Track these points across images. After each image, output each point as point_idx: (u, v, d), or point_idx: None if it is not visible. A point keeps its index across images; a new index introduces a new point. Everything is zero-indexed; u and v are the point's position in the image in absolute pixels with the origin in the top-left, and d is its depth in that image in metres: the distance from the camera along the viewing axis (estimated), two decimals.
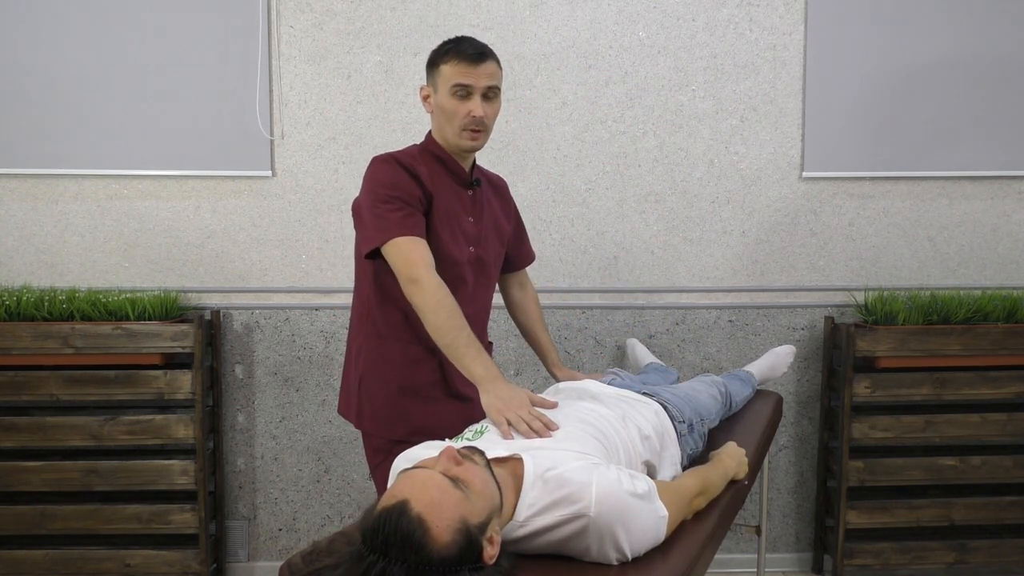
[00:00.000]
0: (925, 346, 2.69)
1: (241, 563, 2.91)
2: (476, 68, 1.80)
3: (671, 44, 2.81)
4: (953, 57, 2.81)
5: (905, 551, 2.76)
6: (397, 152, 1.88)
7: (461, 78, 1.80)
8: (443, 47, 1.84)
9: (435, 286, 1.71)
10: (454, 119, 1.82)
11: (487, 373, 1.66)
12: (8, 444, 2.65)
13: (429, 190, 1.82)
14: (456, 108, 1.81)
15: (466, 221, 1.89)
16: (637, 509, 1.29)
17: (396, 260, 1.75)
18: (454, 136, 1.84)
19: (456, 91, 1.80)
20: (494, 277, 2.01)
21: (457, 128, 1.82)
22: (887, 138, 2.84)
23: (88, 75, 2.72)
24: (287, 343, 2.85)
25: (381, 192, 1.79)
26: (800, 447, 2.95)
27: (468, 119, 1.81)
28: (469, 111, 1.80)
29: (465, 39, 1.85)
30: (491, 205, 1.98)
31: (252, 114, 2.76)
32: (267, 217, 2.82)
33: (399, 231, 1.75)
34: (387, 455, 1.83)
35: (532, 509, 1.26)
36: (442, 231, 1.84)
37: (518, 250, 2.15)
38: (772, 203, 2.87)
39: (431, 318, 1.71)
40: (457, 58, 1.80)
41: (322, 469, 2.89)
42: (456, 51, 1.81)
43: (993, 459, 2.75)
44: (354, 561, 1.09)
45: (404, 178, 1.80)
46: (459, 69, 1.80)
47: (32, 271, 2.81)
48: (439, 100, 1.84)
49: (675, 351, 2.89)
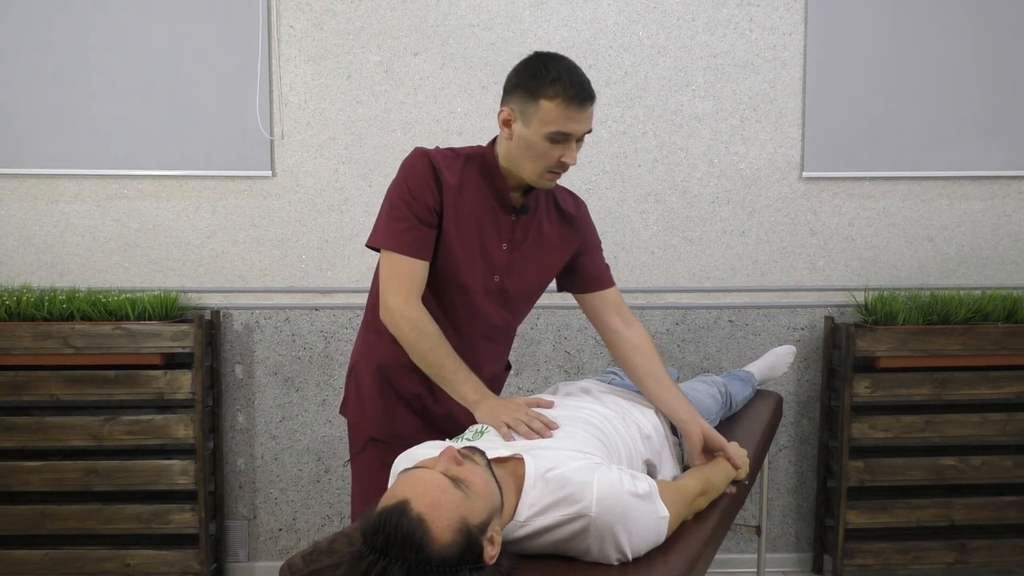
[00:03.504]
0: (925, 346, 2.69)
1: (241, 563, 2.91)
2: (582, 113, 1.58)
3: (671, 44, 2.81)
4: (953, 57, 2.82)
5: (905, 551, 2.76)
6: (443, 150, 1.71)
7: (564, 125, 1.57)
8: (546, 74, 1.58)
9: (405, 319, 1.62)
10: (541, 161, 1.61)
11: (478, 396, 1.61)
12: (8, 444, 2.65)
13: (451, 202, 1.66)
14: (548, 152, 1.59)
15: (497, 247, 1.71)
16: (638, 510, 1.29)
17: (382, 273, 1.68)
18: (533, 175, 1.64)
19: (554, 137, 1.58)
20: (523, 311, 1.85)
21: (541, 169, 1.63)
22: (887, 138, 2.84)
23: (88, 75, 2.72)
24: (287, 343, 2.85)
25: (401, 193, 1.66)
26: (800, 447, 2.95)
27: (557, 164, 1.62)
28: (561, 157, 1.60)
29: (573, 71, 1.59)
30: (542, 233, 1.76)
31: (252, 114, 2.76)
32: (267, 217, 2.82)
33: (398, 246, 1.64)
34: (362, 449, 1.83)
35: (533, 509, 1.26)
36: (458, 251, 1.68)
37: (586, 266, 1.85)
38: (772, 203, 2.87)
39: (411, 350, 1.65)
40: (564, 98, 1.56)
41: (322, 469, 2.89)
42: (564, 89, 1.56)
43: (993, 459, 2.75)
44: (354, 561, 1.10)
45: (426, 183, 1.64)
46: (565, 114, 1.56)
47: (32, 271, 2.81)
48: (528, 136, 1.60)
49: (675, 351, 2.89)
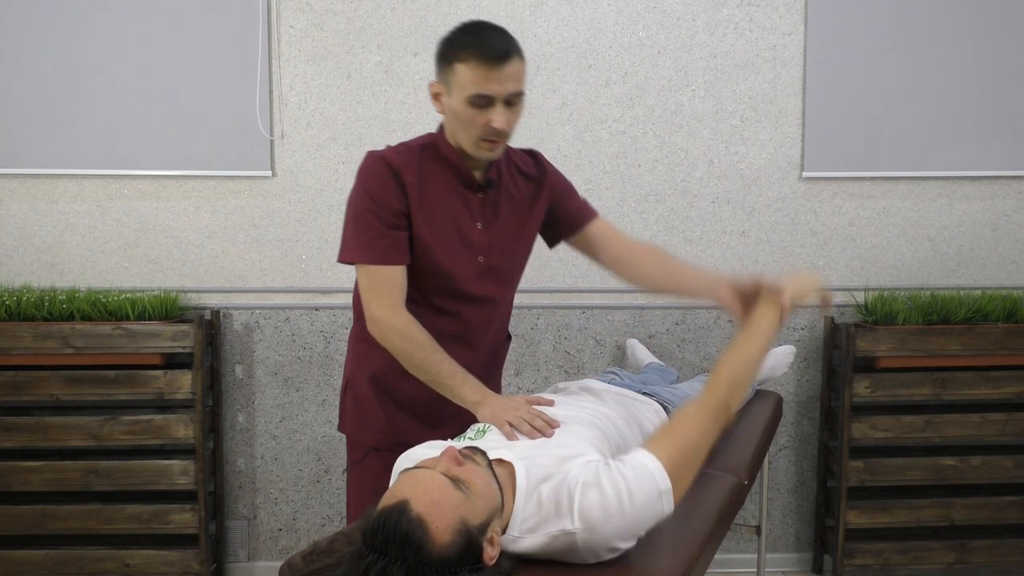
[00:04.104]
0: (925, 346, 2.69)
1: (241, 563, 2.91)
2: (499, 71, 1.52)
3: (671, 44, 2.81)
4: (953, 57, 2.82)
5: (905, 551, 2.76)
6: (394, 148, 1.69)
7: (481, 87, 1.53)
8: (459, 39, 1.56)
9: (394, 330, 1.62)
10: (470, 128, 1.58)
11: (479, 396, 1.60)
12: (8, 444, 2.65)
13: (416, 201, 1.65)
14: (473, 118, 1.57)
15: (473, 229, 1.70)
16: (627, 506, 1.22)
17: (361, 287, 1.67)
18: (469, 146, 1.62)
19: (474, 101, 1.55)
20: (516, 279, 1.84)
21: (474, 138, 1.60)
22: (887, 138, 2.84)
23: (88, 75, 2.72)
24: (287, 343, 2.85)
25: (364, 203, 1.65)
26: (800, 447, 2.95)
27: (487, 130, 1.57)
28: (488, 121, 1.56)
29: (486, 31, 1.56)
30: (513, 201, 1.75)
31: (252, 114, 2.76)
32: (267, 217, 2.82)
33: (370, 257, 1.63)
34: (363, 457, 1.80)
35: (526, 524, 1.24)
36: (437, 247, 1.67)
37: (563, 212, 1.80)
38: (772, 203, 2.87)
39: (404, 360, 1.64)
40: (477, 58, 1.52)
41: (322, 469, 2.89)
42: (476, 48, 1.52)
43: (993, 459, 2.75)
44: (354, 561, 1.10)
45: (387, 188, 1.63)
46: (479, 74, 1.52)
47: (32, 271, 2.81)
48: (453, 105, 1.59)
49: (675, 351, 2.89)
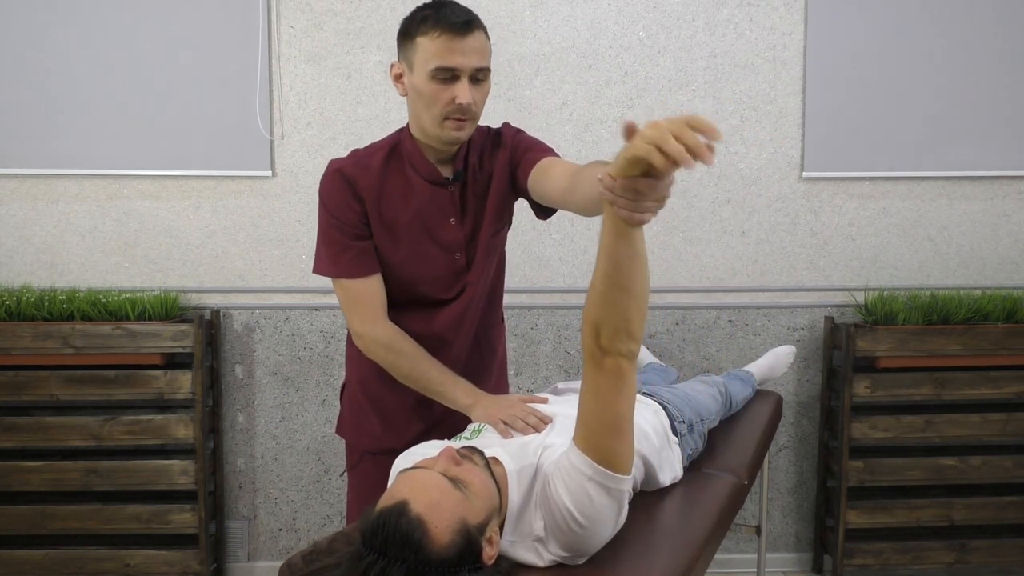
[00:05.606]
0: (925, 346, 2.69)
1: (241, 563, 2.91)
2: (462, 42, 1.47)
3: (671, 44, 2.81)
4: (953, 57, 2.81)
5: (905, 551, 2.76)
6: (354, 155, 1.64)
7: (443, 59, 1.47)
8: (419, 14, 1.51)
9: (377, 343, 1.62)
10: (434, 106, 1.51)
11: (471, 399, 1.60)
12: (8, 444, 2.65)
13: (374, 210, 1.60)
14: (436, 94, 1.49)
15: (447, 226, 1.64)
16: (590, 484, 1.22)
17: (339, 300, 1.67)
18: (433, 125, 1.54)
19: (437, 75, 1.48)
20: (495, 256, 1.76)
21: (438, 116, 1.52)
22: (887, 138, 2.83)
23: (88, 75, 2.72)
24: (287, 343, 2.85)
25: (325, 217, 1.62)
26: (800, 447, 2.95)
27: (452, 107, 1.50)
28: (454, 97, 1.49)
29: (447, 4, 1.50)
30: (488, 187, 1.67)
31: (252, 114, 2.76)
32: (267, 217, 2.82)
33: (339, 271, 1.62)
34: (359, 462, 1.81)
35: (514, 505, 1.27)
36: (396, 254, 1.63)
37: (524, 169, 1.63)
38: (772, 203, 2.87)
39: (392, 371, 1.65)
40: (438, 29, 1.47)
41: (322, 469, 2.89)
42: (437, 20, 1.47)
43: (993, 459, 2.75)
44: (354, 561, 1.10)
45: (343, 200, 1.59)
46: (441, 44, 1.47)
47: (32, 271, 2.81)
48: (415, 82, 1.52)
49: (675, 351, 2.89)
